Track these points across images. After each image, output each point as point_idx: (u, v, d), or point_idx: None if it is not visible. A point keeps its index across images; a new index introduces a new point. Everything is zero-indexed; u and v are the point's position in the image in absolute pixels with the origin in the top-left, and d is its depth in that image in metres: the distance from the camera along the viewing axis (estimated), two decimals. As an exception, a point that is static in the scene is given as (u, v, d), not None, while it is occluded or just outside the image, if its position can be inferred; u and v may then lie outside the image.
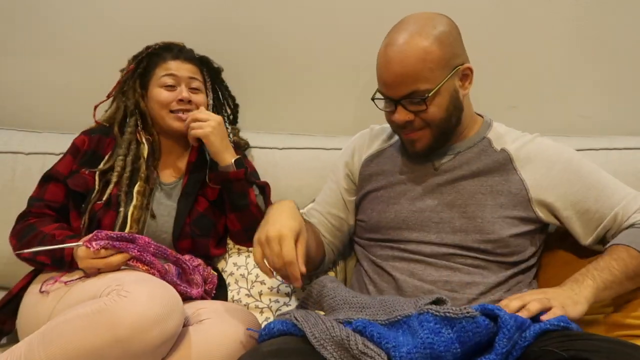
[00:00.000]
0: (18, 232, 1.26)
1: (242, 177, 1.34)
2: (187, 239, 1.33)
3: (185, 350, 1.06)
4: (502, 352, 0.88)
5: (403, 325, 0.95)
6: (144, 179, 1.32)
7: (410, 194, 1.21)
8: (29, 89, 1.75)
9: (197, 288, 1.24)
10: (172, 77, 1.36)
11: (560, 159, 1.18)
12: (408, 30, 1.12)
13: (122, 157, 1.33)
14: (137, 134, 1.38)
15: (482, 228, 1.14)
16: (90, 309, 0.99)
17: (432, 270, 1.14)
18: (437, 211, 1.17)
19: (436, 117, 1.13)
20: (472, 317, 0.89)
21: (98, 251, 1.13)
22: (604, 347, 0.84)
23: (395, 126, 1.19)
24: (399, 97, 1.12)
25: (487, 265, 1.14)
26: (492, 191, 1.16)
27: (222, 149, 1.34)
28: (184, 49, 1.42)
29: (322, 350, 0.91)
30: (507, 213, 1.15)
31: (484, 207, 1.15)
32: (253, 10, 1.65)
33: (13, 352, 1.03)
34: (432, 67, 1.09)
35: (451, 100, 1.13)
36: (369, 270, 1.22)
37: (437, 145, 1.18)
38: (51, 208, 1.31)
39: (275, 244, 1.02)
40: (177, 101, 1.35)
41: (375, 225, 1.23)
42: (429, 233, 1.17)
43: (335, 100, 1.69)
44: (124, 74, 1.41)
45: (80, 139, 1.38)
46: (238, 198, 1.34)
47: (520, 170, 1.17)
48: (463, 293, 1.11)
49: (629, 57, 1.59)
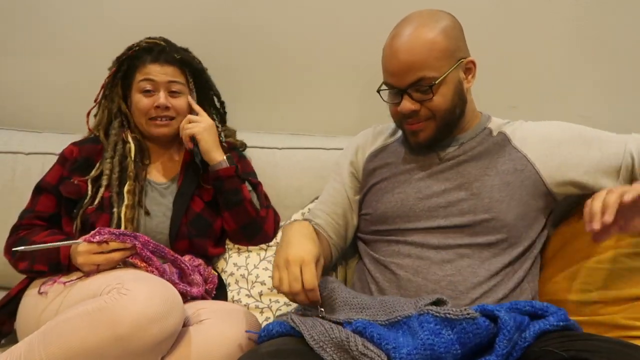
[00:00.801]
0: (10, 247, 1.26)
1: (233, 174, 1.35)
2: (185, 239, 1.33)
3: (185, 350, 1.06)
4: (503, 353, 0.88)
5: (403, 326, 0.95)
6: (133, 177, 1.32)
7: (415, 182, 1.21)
8: (29, 89, 1.75)
9: (197, 287, 1.24)
10: (150, 82, 1.34)
11: (559, 135, 1.20)
12: (414, 24, 1.15)
13: (109, 159, 1.33)
14: (122, 134, 1.38)
15: (491, 207, 1.14)
16: (90, 308, 0.99)
17: (436, 269, 1.13)
18: (444, 195, 1.17)
19: (441, 107, 1.15)
20: (472, 318, 0.89)
21: (101, 244, 1.13)
22: (604, 348, 0.84)
23: (400, 118, 1.20)
24: (405, 86, 1.14)
25: (496, 252, 1.14)
26: (498, 171, 1.17)
27: (213, 148, 1.36)
28: (165, 50, 1.37)
29: (322, 352, 0.91)
30: (515, 191, 1.15)
31: (492, 187, 1.15)
32: (253, 10, 1.65)
33: (13, 352, 1.02)
34: (438, 57, 1.12)
35: (456, 91, 1.15)
36: (371, 268, 1.21)
37: (440, 137, 1.20)
38: (41, 218, 1.31)
39: (296, 269, 1.01)
40: (155, 107, 1.34)
41: (382, 216, 1.22)
42: (437, 218, 1.16)
43: (335, 100, 1.69)
44: (106, 78, 1.41)
45: (68, 149, 1.38)
46: (231, 195, 1.34)
47: (520, 148, 1.19)
48: (467, 293, 1.10)
49: (629, 57, 1.59)
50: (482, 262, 1.12)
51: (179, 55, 1.38)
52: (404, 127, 1.21)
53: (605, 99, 1.61)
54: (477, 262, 1.12)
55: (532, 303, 0.98)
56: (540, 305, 0.98)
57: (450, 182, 1.18)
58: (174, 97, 1.37)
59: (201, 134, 1.34)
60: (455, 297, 1.09)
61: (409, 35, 1.13)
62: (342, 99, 1.68)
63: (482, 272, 1.11)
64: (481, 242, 1.13)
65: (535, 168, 1.17)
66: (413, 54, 1.12)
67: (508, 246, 1.14)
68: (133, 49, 1.38)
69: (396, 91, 1.17)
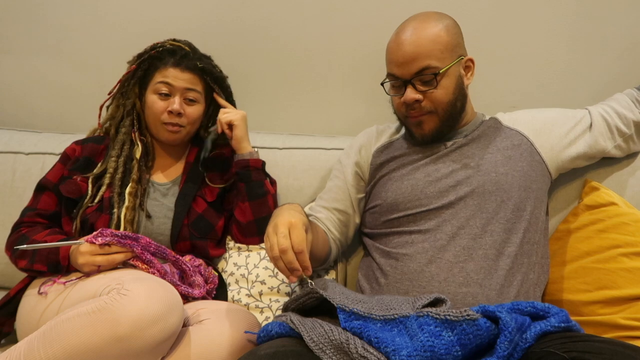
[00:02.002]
0: (11, 244, 1.26)
1: (260, 167, 1.38)
2: (186, 241, 1.33)
3: (185, 350, 1.06)
4: (504, 355, 0.88)
5: (399, 325, 0.94)
6: (136, 180, 1.32)
7: (423, 168, 1.25)
8: (29, 89, 1.75)
9: (199, 289, 1.24)
10: (167, 86, 1.33)
11: (542, 123, 1.30)
12: (417, 20, 1.22)
13: (114, 158, 1.33)
14: (132, 134, 1.38)
15: (498, 180, 1.19)
16: (90, 308, 0.99)
17: (449, 256, 1.14)
18: (452, 175, 1.22)
19: (443, 100, 1.20)
20: (472, 320, 0.89)
21: (103, 246, 1.13)
22: (605, 349, 0.84)
23: (403, 110, 1.24)
24: (410, 76, 1.19)
25: (506, 238, 1.16)
26: (499, 148, 1.24)
27: (246, 137, 1.40)
28: (188, 56, 1.36)
29: (321, 354, 0.90)
30: (517, 163, 1.22)
31: (495, 162, 1.21)
32: (254, 10, 1.65)
33: (12, 352, 1.02)
34: (441, 49, 1.19)
35: (457, 85, 1.21)
36: (381, 261, 1.21)
37: (444, 129, 1.24)
38: (42, 216, 1.31)
39: (284, 229, 1.02)
40: (168, 112, 1.34)
41: (393, 204, 1.24)
42: (448, 196, 1.19)
43: (335, 100, 1.69)
44: (125, 73, 1.40)
45: (70, 147, 1.38)
46: (257, 187, 1.36)
47: (513, 126, 1.28)
48: (481, 284, 1.12)
49: (629, 58, 1.59)
50: (490, 257, 1.14)
51: (201, 64, 1.37)
52: (408, 120, 1.25)
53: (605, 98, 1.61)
54: (491, 250, 1.15)
55: (533, 304, 0.98)
56: (542, 306, 0.97)
57: (457, 163, 1.23)
58: (189, 105, 1.36)
59: (238, 121, 1.38)
60: (467, 284, 1.11)
61: (414, 28, 1.20)
62: (342, 99, 1.68)
63: (490, 264, 1.13)
64: (489, 241, 1.15)
65: (529, 140, 1.26)
66: (418, 44, 1.18)
67: (515, 220, 1.18)
68: (156, 48, 1.37)
69: (400, 83, 1.22)
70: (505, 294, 1.12)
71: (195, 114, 1.37)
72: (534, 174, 1.22)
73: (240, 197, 1.38)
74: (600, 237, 1.26)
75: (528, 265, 1.16)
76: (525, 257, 1.16)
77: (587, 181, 1.38)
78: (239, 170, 1.37)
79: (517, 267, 1.15)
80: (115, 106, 1.42)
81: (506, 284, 1.12)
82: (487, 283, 1.11)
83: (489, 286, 1.11)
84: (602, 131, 1.29)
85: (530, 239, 1.18)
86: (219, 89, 1.43)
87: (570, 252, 1.29)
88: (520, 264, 1.15)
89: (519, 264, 1.15)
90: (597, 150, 1.29)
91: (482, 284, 1.11)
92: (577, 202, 1.38)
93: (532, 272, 1.17)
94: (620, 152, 1.32)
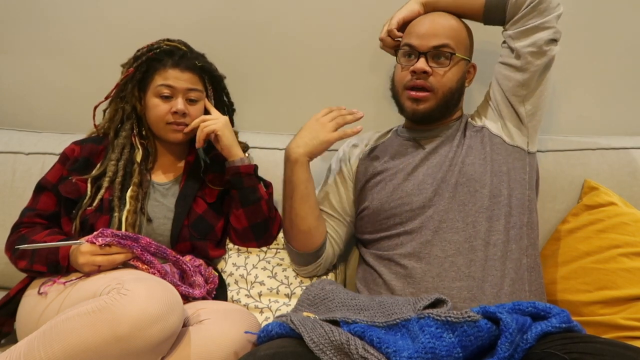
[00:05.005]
0: (11, 245, 1.26)
1: (252, 172, 1.36)
2: (186, 241, 1.33)
3: (185, 350, 1.05)
4: (505, 356, 0.88)
5: (402, 329, 0.95)
6: (137, 183, 1.31)
7: (404, 170, 1.28)
8: (29, 89, 1.75)
9: (199, 289, 1.24)
10: (169, 88, 1.33)
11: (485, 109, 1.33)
12: (444, 13, 1.30)
13: (114, 161, 1.32)
14: (132, 137, 1.37)
15: (466, 172, 1.22)
16: (90, 308, 0.99)
17: (438, 252, 1.16)
18: (430, 173, 1.25)
19: (447, 84, 1.25)
20: (473, 321, 0.89)
21: (103, 247, 1.13)
22: (606, 350, 0.84)
23: (408, 78, 1.26)
24: (427, 49, 1.24)
25: (489, 226, 1.17)
26: (470, 145, 1.26)
27: (234, 143, 1.37)
28: (186, 56, 1.35)
29: (322, 354, 0.90)
30: (481, 152, 1.24)
31: (462, 155, 1.24)
32: (253, 10, 1.65)
33: (12, 352, 1.02)
34: (461, 40, 1.27)
35: (460, 79, 1.28)
36: (376, 265, 1.23)
37: (436, 114, 1.28)
38: (42, 216, 1.30)
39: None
40: (172, 113, 1.33)
41: (379, 207, 1.26)
42: (426, 194, 1.22)
43: (335, 101, 1.68)
44: (122, 76, 1.38)
45: (70, 148, 1.37)
46: (250, 193, 1.35)
47: (477, 123, 1.30)
48: (474, 277, 1.13)
49: (628, 58, 1.59)
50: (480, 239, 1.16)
51: (200, 63, 1.37)
52: (406, 94, 1.27)
53: (603, 99, 1.62)
54: (478, 241, 1.16)
55: (534, 304, 0.98)
56: (543, 306, 0.97)
57: (432, 161, 1.27)
58: (191, 104, 1.35)
59: (222, 130, 1.34)
60: (459, 278, 1.12)
61: (442, 15, 1.28)
62: (342, 99, 1.67)
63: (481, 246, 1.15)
64: (471, 232, 1.16)
65: (486, 127, 1.28)
66: (443, 25, 1.26)
67: (494, 208, 1.18)
68: (153, 50, 1.36)
69: (415, 55, 1.25)
70: (500, 284, 1.12)
71: (199, 112, 1.37)
72: (499, 157, 1.24)
73: (234, 203, 1.37)
74: (600, 237, 1.26)
75: (519, 251, 1.17)
76: (514, 243, 1.17)
77: (587, 181, 1.38)
78: (230, 178, 1.36)
79: (508, 254, 1.15)
80: (114, 109, 1.40)
81: (499, 274, 1.13)
82: (480, 275, 1.12)
83: (482, 278, 1.12)
84: (498, 70, 1.30)
85: (515, 223, 1.19)
86: (213, 89, 1.42)
87: (569, 252, 1.29)
88: (510, 251, 1.16)
89: (508, 251, 1.16)
90: (504, 68, 1.28)
91: (475, 276, 1.12)
92: (577, 202, 1.38)
93: (525, 256, 1.18)
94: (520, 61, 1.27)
